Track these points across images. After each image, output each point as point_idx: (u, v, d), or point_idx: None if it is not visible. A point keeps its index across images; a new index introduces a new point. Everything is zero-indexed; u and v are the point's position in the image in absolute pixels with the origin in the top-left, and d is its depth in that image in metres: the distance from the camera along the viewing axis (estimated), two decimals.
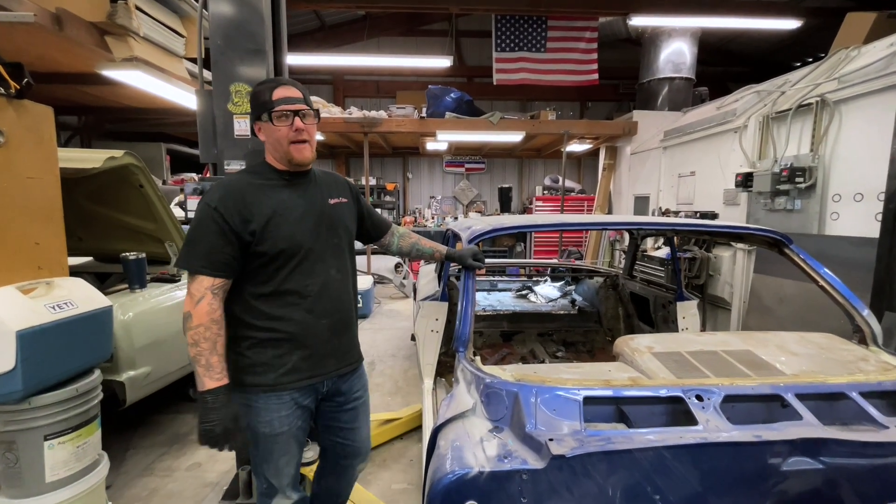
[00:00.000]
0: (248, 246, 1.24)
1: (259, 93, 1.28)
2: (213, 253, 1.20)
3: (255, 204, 1.25)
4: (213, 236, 1.20)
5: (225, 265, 1.22)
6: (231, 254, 1.22)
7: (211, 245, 1.20)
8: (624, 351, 1.51)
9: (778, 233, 1.94)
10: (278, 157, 1.31)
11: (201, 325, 1.17)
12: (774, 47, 8.76)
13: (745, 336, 1.59)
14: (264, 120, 1.27)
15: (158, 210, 2.60)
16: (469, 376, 1.36)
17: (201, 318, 1.17)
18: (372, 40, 8.72)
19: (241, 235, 1.22)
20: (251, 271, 1.27)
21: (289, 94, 1.26)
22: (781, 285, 3.49)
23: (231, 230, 1.21)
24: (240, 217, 1.22)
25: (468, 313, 1.55)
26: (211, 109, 1.85)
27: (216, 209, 1.21)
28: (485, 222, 2.02)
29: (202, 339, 1.17)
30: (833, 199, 3.24)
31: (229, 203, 1.22)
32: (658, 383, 1.23)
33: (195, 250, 1.21)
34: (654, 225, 1.91)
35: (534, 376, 1.28)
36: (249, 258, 1.25)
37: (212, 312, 1.19)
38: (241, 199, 1.24)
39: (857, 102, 3.09)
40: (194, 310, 1.18)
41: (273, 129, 1.27)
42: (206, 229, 1.21)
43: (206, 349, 1.17)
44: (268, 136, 1.30)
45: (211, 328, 1.18)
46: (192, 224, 1.24)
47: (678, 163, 5.28)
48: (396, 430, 2.66)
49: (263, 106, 1.26)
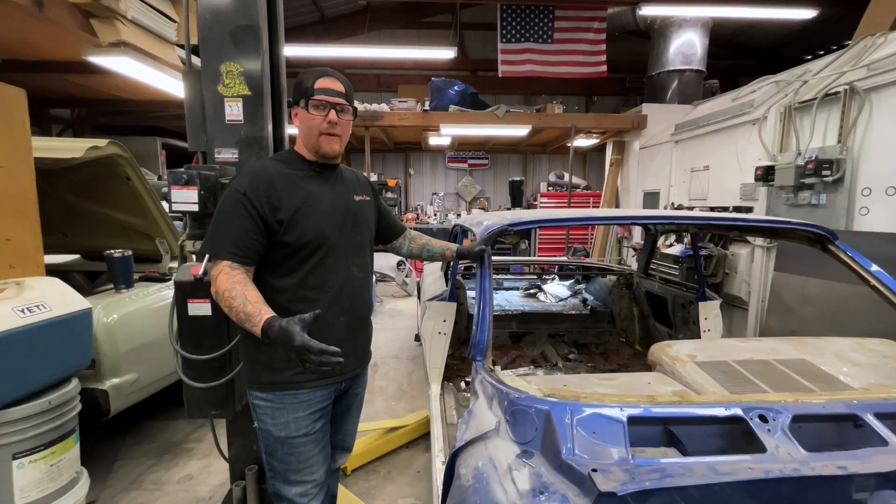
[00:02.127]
0: (274, 234, 1.20)
1: (303, 78, 1.25)
2: (241, 239, 1.16)
3: (284, 192, 1.22)
4: (242, 221, 1.16)
5: (252, 251, 1.17)
6: (259, 240, 1.18)
7: (239, 230, 1.16)
8: (662, 360, 1.34)
9: (822, 227, 1.77)
10: (308, 146, 1.28)
11: (225, 291, 1.11)
12: (784, 40, 8.55)
13: (797, 343, 1.42)
14: (301, 106, 1.24)
15: (147, 205, 2.43)
16: (490, 390, 1.19)
17: (222, 285, 1.12)
18: (373, 33, 8.52)
19: (269, 223, 1.19)
20: (273, 262, 1.23)
21: (331, 86, 1.24)
22: (805, 284, 3.32)
23: (259, 216, 1.17)
24: (269, 204, 1.18)
25: (486, 317, 1.39)
26: (200, 92, 1.68)
27: (245, 194, 1.17)
28: (499, 217, 1.85)
29: (231, 300, 1.10)
30: (862, 194, 3.06)
31: (259, 189, 1.18)
32: (710, 399, 1.07)
33: (222, 235, 1.17)
34: (687, 219, 1.75)
35: (566, 391, 1.11)
36: (273, 248, 1.21)
37: (231, 276, 1.13)
38: (271, 186, 1.20)
39: (890, 90, 2.91)
40: (216, 285, 1.14)
41: (307, 117, 1.24)
42: (234, 214, 1.17)
43: (238, 305, 1.09)
44: (301, 122, 1.26)
45: (234, 287, 1.11)
46: (219, 209, 1.20)
47: (691, 157, 5.10)
48: (402, 439, 2.50)
49: (304, 92, 1.23)
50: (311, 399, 1.28)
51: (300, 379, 1.27)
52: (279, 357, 1.24)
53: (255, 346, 1.26)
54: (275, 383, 1.26)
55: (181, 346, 1.51)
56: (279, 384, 1.26)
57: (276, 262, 1.23)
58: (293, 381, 1.26)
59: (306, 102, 1.23)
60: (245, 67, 1.66)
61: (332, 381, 1.33)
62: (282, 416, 1.25)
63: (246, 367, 1.30)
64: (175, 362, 1.52)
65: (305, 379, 1.27)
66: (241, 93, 1.66)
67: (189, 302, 1.48)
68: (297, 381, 1.26)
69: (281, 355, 1.24)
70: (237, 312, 1.09)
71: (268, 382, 1.26)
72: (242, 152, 1.69)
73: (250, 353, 1.28)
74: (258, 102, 1.68)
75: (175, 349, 1.50)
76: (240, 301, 1.09)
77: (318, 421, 1.30)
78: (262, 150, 1.71)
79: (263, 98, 1.68)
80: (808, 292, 3.29)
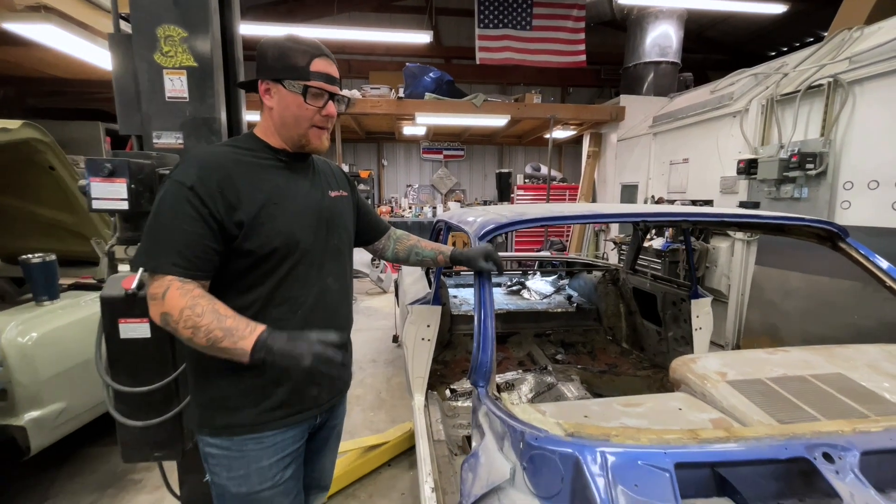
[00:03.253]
0: (231, 241, 0.94)
1: (289, 51, 0.98)
2: (189, 246, 0.89)
3: (244, 186, 0.95)
4: (189, 223, 0.89)
5: (205, 262, 0.91)
6: (213, 248, 0.92)
7: (186, 236, 0.89)
8: (688, 378, 1.18)
9: (833, 224, 1.67)
10: (287, 136, 1.03)
11: (184, 309, 0.85)
12: (751, 36, 8.75)
13: (825, 353, 1.29)
14: (290, 88, 0.98)
15: (78, 198, 2.06)
16: (499, 427, 0.99)
17: (177, 302, 0.86)
18: (342, 15, 8.05)
19: (226, 226, 0.92)
20: (230, 276, 0.97)
21: (329, 72, 1.02)
22: (787, 278, 3.33)
23: (212, 217, 0.91)
24: (224, 201, 0.92)
25: (488, 334, 1.18)
26: (132, 62, 1.36)
27: (192, 189, 0.90)
28: (493, 213, 1.64)
29: (197, 319, 0.85)
30: (844, 187, 3.06)
31: (210, 182, 0.91)
32: (761, 433, 0.91)
33: (162, 243, 0.89)
34: (698, 216, 1.60)
35: (592, 428, 0.92)
36: (230, 258, 0.96)
37: (188, 291, 0.87)
38: (226, 178, 0.94)
39: (873, 83, 2.90)
40: (165, 305, 0.86)
41: (298, 105, 0.99)
42: (178, 215, 0.89)
43: (209, 323, 0.85)
44: (284, 107, 1.00)
45: (196, 303, 0.86)
46: (157, 209, 0.91)
47: (670, 149, 5.07)
48: (383, 457, 2.28)
49: (294, 71, 0.98)
50: (279, 443, 1.04)
51: (265, 419, 1.02)
52: (238, 391, 1.00)
53: (206, 377, 1.01)
54: (232, 426, 1.00)
55: (112, 377, 1.22)
56: (238, 427, 1.00)
57: (233, 275, 0.97)
58: (256, 421, 1.01)
59: (304, 90, 0.98)
60: (189, 32, 1.36)
61: (306, 417, 1.09)
62: (241, 468, 1.00)
63: (194, 406, 1.04)
64: (105, 396, 1.23)
65: (273, 418, 1.02)
66: (185, 63, 1.37)
67: (120, 322, 1.20)
68: (261, 422, 1.02)
69: (240, 390, 0.99)
70: (207, 333, 0.84)
71: (223, 426, 1.00)
72: (189, 137, 1.40)
73: (200, 387, 1.02)
74: (207, 76, 1.38)
75: (104, 381, 1.21)
76: (209, 318, 0.85)
77: (287, 468, 1.06)
78: (213, 135, 1.42)
79: (213, 71, 1.39)
80: (790, 286, 3.29)
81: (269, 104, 1.01)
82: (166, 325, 0.88)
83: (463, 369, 2.99)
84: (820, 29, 8.21)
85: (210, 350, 0.86)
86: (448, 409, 2.52)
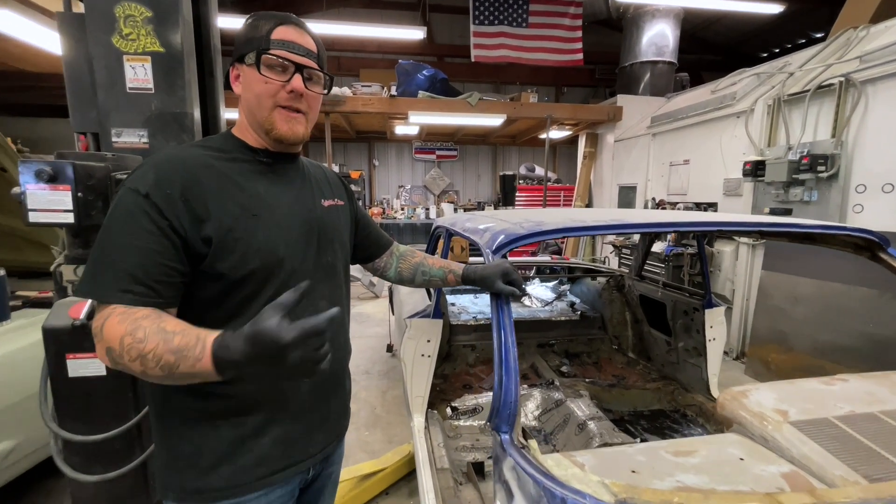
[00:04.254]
0: (199, 261, 0.76)
1: (252, 24, 0.83)
2: (141, 268, 0.70)
3: (214, 194, 0.77)
4: (142, 239, 0.71)
5: (164, 286, 0.72)
6: (173, 267, 0.73)
7: (138, 255, 0.70)
8: (741, 416, 1.02)
9: (873, 232, 1.53)
10: (255, 123, 0.85)
11: (124, 337, 0.66)
12: (744, 37, 8.75)
13: (885, 381, 1.15)
14: (249, 63, 0.81)
15: None
16: (532, 488, 0.82)
17: (115, 331, 0.66)
18: (331, 10, 7.82)
19: (190, 242, 0.74)
20: (201, 304, 0.78)
21: (294, 39, 0.82)
22: (796, 284, 3.22)
23: (173, 230, 0.73)
24: (188, 212, 0.74)
25: (511, 366, 1.01)
26: (85, 46, 1.16)
27: (148, 197, 0.72)
28: (507, 221, 1.47)
29: (141, 345, 0.65)
30: (856, 190, 2.96)
31: (172, 190, 0.74)
32: (853, 496, 0.75)
33: (108, 265, 0.70)
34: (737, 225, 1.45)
35: (649, 493, 0.75)
36: (199, 282, 0.77)
37: (129, 315, 0.68)
38: (191, 183, 0.76)
39: (887, 83, 2.80)
40: (105, 337, 0.67)
41: (256, 80, 0.81)
42: (130, 229, 0.71)
43: (156, 347, 0.65)
44: (247, 87, 0.83)
45: (138, 327, 0.66)
46: (105, 223, 0.73)
47: (669, 150, 4.97)
48: (381, 485, 2.10)
49: (251, 42, 0.81)
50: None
51: (244, 479, 0.83)
52: (211, 444, 0.81)
53: (171, 427, 0.82)
54: (203, 491, 0.81)
55: (60, 423, 1.02)
56: (211, 492, 0.81)
57: (203, 304, 0.79)
58: (234, 483, 0.82)
59: (257, 58, 0.79)
60: (154, 12, 1.15)
61: (296, 472, 0.90)
62: None
63: (160, 465, 0.84)
64: (52, 445, 1.02)
65: (255, 476, 0.83)
66: (150, 48, 1.16)
67: (69, 358, 0.99)
68: (240, 484, 0.82)
69: (214, 442, 0.80)
70: (158, 360, 0.65)
71: (193, 490, 0.81)
72: (155, 136, 1.20)
73: (165, 441, 0.83)
74: (176, 64, 1.18)
75: (49, 428, 1.01)
76: (156, 339, 0.65)
77: None
78: (184, 133, 1.22)
79: (184, 58, 1.19)
80: (799, 292, 3.19)
81: (237, 91, 0.85)
82: (114, 363, 0.68)
83: (464, 384, 2.82)
84: (812, 31, 8.23)
85: (173, 380, 0.66)
86: (449, 428, 2.34)
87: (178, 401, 0.80)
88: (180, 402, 0.80)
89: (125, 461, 1.06)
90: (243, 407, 0.82)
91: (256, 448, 0.83)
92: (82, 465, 1.03)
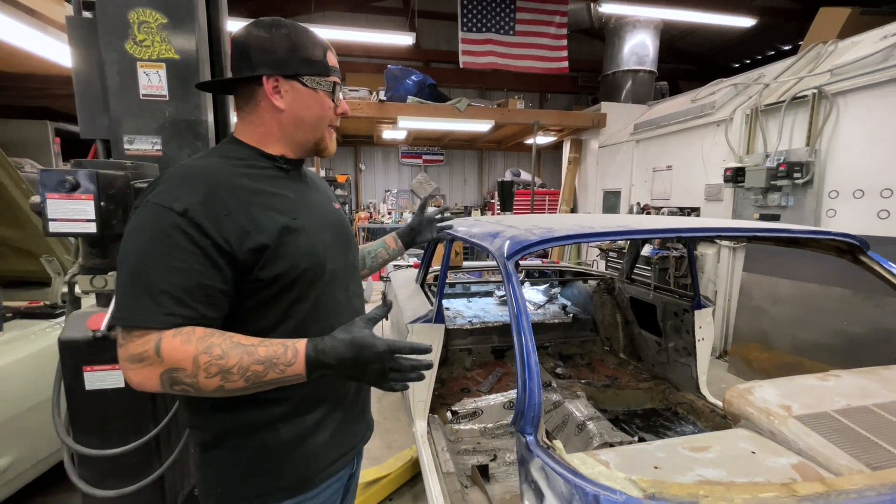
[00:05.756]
0: (245, 272, 0.75)
1: (305, 43, 0.85)
2: (185, 291, 0.68)
3: (253, 203, 0.77)
4: (183, 260, 0.69)
5: (205, 307, 0.71)
6: (218, 289, 0.72)
7: (180, 276, 0.68)
8: (748, 412, 1.08)
9: (853, 236, 1.63)
10: (300, 139, 0.87)
11: (201, 354, 0.66)
12: (718, 48, 9.13)
13: (872, 376, 1.23)
14: (311, 85, 0.84)
15: (24, 209, 1.77)
16: (562, 487, 0.85)
17: (187, 350, 0.66)
18: (317, 14, 7.78)
19: (238, 256, 0.73)
20: (242, 314, 0.77)
21: (336, 65, 0.91)
22: (775, 285, 3.38)
23: (217, 248, 0.71)
24: (233, 226, 0.72)
25: (533, 369, 1.03)
26: (96, 52, 1.14)
27: (185, 215, 0.69)
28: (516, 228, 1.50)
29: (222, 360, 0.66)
30: (829, 196, 3.14)
31: (212, 205, 0.72)
32: (860, 484, 0.80)
33: (146, 290, 0.67)
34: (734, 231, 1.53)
35: (675, 487, 0.79)
36: (244, 293, 0.76)
37: (188, 334, 0.67)
38: (229, 196, 0.74)
39: (856, 95, 2.99)
40: (168, 361, 0.66)
41: (319, 102, 0.86)
42: (170, 250, 0.68)
43: (241, 358, 0.67)
44: (303, 107, 0.85)
45: (211, 345, 0.67)
46: (135, 245, 0.69)
47: (652, 156, 5.14)
48: (385, 491, 2.09)
49: (314, 65, 0.85)
50: (321, 501, 0.88)
51: (307, 474, 0.84)
52: (274, 448, 0.81)
53: (225, 442, 0.80)
54: (270, 493, 0.82)
55: (75, 437, 0.99)
56: (279, 493, 0.82)
57: (246, 313, 0.78)
58: (300, 479, 0.84)
59: (332, 86, 0.88)
60: (170, 18, 1.14)
61: (347, 461, 0.94)
62: None
63: (212, 480, 0.81)
64: (65, 461, 0.99)
65: (318, 469, 0.86)
66: (165, 55, 1.15)
67: (86, 370, 0.97)
68: (306, 478, 0.84)
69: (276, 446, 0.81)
70: (244, 373, 0.67)
71: (257, 495, 0.81)
72: (168, 143, 1.18)
73: (223, 455, 0.81)
74: (191, 71, 1.17)
75: (63, 442, 0.98)
76: (238, 353, 0.67)
77: None
78: (198, 141, 1.21)
79: (199, 65, 1.18)
80: (779, 293, 3.34)
81: (278, 104, 0.84)
82: (175, 384, 0.67)
83: (462, 387, 2.84)
84: (780, 44, 8.66)
85: (251, 389, 0.70)
86: (451, 432, 2.36)
87: (235, 415, 0.79)
88: (238, 416, 0.80)
89: (142, 475, 1.04)
90: (300, 408, 0.83)
91: (314, 444, 0.86)
92: (97, 480, 1.01)
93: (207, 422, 0.80)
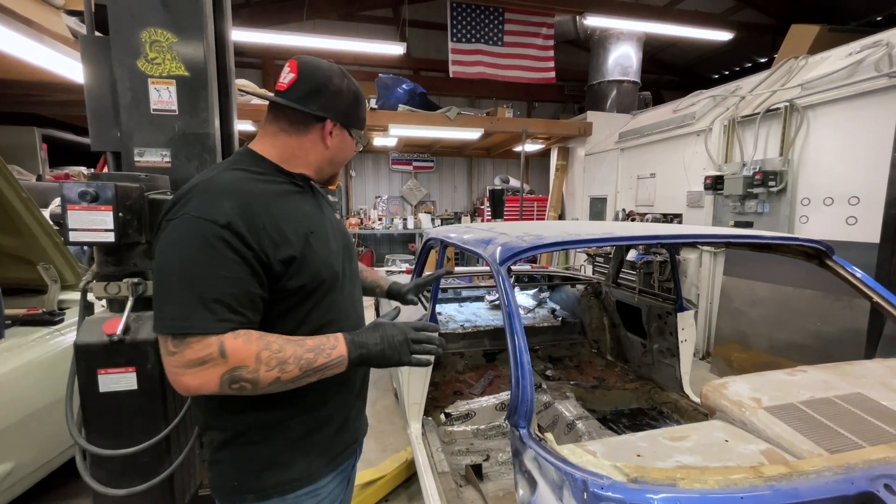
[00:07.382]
0: (276, 281, 0.82)
1: (361, 103, 1.00)
2: (235, 298, 0.75)
3: (282, 217, 0.84)
4: (230, 269, 0.75)
5: (251, 311, 0.79)
6: (258, 295, 0.80)
7: (229, 285, 0.75)
8: (722, 405, 1.17)
9: (820, 242, 1.75)
10: (327, 171, 1.00)
11: (262, 351, 0.75)
12: (698, 59, 9.46)
13: (836, 371, 1.34)
14: (354, 137, 1.00)
15: (22, 217, 1.79)
16: (554, 475, 0.92)
17: (250, 348, 0.74)
18: (307, 23, 7.84)
19: (273, 267, 0.80)
20: (268, 319, 0.84)
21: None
22: (753, 288, 3.53)
23: (257, 259, 0.78)
24: (268, 239, 0.80)
25: (525, 367, 1.11)
26: (109, 69, 1.19)
27: (229, 227, 0.75)
28: (507, 235, 1.58)
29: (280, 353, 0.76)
30: (802, 203, 3.31)
31: (254, 217, 0.79)
32: (819, 465, 0.90)
33: (198, 298, 0.73)
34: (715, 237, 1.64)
35: (656, 471, 0.88)
36: (272, 301, 0.84)
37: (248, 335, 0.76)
38: (263, 210, 0.81)
39: (825, 108, 3.17)
40: (232, 360, 0.73)
41: (351, 150, 1.02)
42: (216, 260, 0.74)
43: (295, 350, 0.78)
44: (342, 150, 0.99)
45: (268, 340, 0.77)
46: (181, 256, 0.74)
47: (636, 164, 5.30)
48: (381, 492, 2.14)
49: (362, 123, 1.01)
50: (332, 492, 0.96)
51: (319, 464, 0.92)
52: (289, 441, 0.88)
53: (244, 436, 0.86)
54: (284, 483, 0.87)
55: (88, 438, 1.03)
56: (292, 482, 0.88)
57: (272, 318, 0.84)
58: (312, 469, 0.91)
59: (360, 134, 1.02)
60: (180, 38, 1.20)
61: (350, 453, 1.02)
62: None
63: (228, 475, 0.87)
64: (78, 461, 1.03)
65: (326, 461, 0.93)
66: (175, 72, 1.21)
67: (100, 373, 1.01)
68: (316, 469, 0.92)
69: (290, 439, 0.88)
70: (298, 361, 0.77)
71: (272, 485, 0.87)
72: (177, 155, 1.24)
73: (237, 449, 0.86)
74: (200, 86, 1.24)
75: (77, 442, 1.02)
76: (291, 347, 0.78)
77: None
78: (206, 153, 1.26)
79: (208, 81, 1.24)
80: (757, 295, 3.49)
81: (327, 143, 0.95)
82: (234, 382, 0.74)
83: (454, 390, 2.90)
84: (757, 56, 9.01)
85: (300, 380, 0.79)
86: (444, 434, 2.42)
87: (254, 414, 0.85)
88: (256, 415, 0.86)
89: (153, 474, 1.08)
90: (311, 405, 0.90)
91: (323, 438, 0.93)
92: (109, 480, 1.05)
93: (226, 422, 0.86)
